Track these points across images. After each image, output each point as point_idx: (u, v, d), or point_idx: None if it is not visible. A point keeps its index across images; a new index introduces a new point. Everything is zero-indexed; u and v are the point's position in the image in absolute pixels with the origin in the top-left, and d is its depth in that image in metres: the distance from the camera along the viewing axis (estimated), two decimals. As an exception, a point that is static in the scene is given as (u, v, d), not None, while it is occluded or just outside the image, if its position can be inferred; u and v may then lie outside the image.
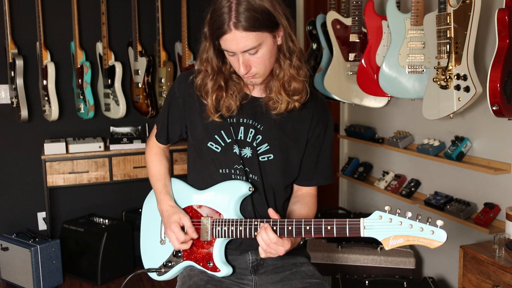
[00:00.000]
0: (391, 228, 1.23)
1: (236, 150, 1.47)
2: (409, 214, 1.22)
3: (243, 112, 1.47)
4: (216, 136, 1.48)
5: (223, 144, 1.48)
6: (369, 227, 1.25)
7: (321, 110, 1.53)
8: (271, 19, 1.31)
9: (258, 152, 1.48)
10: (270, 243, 1.33)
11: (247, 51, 1.31)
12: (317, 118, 1.51)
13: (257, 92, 1.49)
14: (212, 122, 1.47)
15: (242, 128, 1.48)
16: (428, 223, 1.21)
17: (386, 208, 1.24)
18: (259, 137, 1.47)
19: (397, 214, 1.23)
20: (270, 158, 1.48)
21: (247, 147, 1.48)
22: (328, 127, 1.54)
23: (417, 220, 1.22)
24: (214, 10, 1.31)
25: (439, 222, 1.19)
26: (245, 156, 1.48)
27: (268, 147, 1.48)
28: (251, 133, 1.48)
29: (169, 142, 1.64)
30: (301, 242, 1.49)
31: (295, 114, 1.48)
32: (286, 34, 1.36)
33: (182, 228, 1.49)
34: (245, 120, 1.48)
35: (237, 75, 1.44)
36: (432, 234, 1.20)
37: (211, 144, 1.49)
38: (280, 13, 1.33)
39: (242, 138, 1.48)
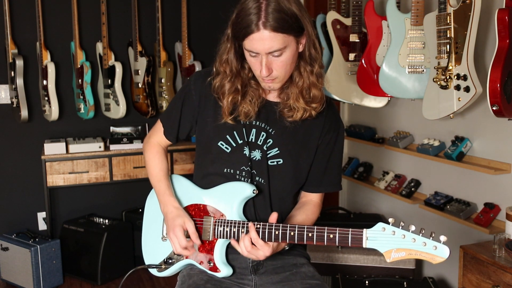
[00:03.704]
0: (393, 241, 1.22)
1: (246, 151, 1.47)
2: (413, 227, 1.21)
3: (257, 115, 1.47)
4: (227, 136, 1.48)
5: (234, 145, 1.48)
6: (372, 238, 1.24)
7: (333, 118, 1.53)
8: (298, 23, 1.31)
9: (268, 155, 1.48)
10: (251, 250, 1.35)
11: (272, 53, 1.31)
12: (328, 126, 1.51)
13: (272, 97, 1.50)
14: (225, 123, 1.47)
15: (254, 130, 1.48)
16: (431, 238, 1.19)
17: (390, 220, 1.24)
18: (270, 141, 1.48)
19: (400, 227, 1.22)
20: (279, 163, 1.48)
21: (257, 150, 1.48)
22: (339, 135, 1.54)
23: (420, 234, 1.20)
24: (242, 10, 1.31)
25: (443, 238, 1.18)
26: (254, 158, 1.48)
27: (278, 151, 1.48)
28: (262, 136, 1.48)
29: (178, 139, 1.62)
30: (286, 248, 1.48)
31: (307, 120, 1.48)
32: (310, 40, 1.37)
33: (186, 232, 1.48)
34: (257, 123, 1.48)
35: (256, 81, 1.44)
36: (434, 250, 1.19)
37: (221, 144, 1.49)
38: (306, 19, 1.34)
39: (253, 141, 1.48)
